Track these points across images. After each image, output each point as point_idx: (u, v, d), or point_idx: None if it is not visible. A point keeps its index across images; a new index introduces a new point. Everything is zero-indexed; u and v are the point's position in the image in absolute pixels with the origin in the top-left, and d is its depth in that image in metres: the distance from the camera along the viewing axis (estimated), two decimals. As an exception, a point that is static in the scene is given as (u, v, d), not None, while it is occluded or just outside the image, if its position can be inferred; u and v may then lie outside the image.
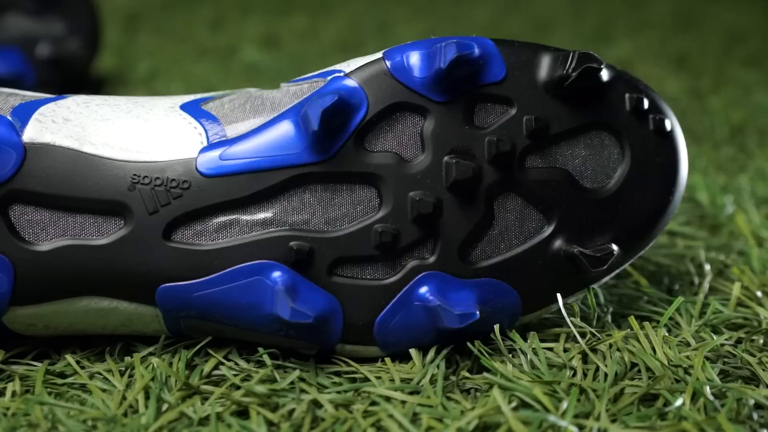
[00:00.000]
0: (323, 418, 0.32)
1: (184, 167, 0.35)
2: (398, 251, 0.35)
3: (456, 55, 0.35)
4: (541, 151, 0.37)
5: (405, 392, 0.34)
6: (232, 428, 0.31)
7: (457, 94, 0.36)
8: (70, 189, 0.34)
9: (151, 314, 0.35)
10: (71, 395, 0.34)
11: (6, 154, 0.34)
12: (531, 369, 0.35)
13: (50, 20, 0.63)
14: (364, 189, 0.35)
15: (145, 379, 0.34)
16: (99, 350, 0.37)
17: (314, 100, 0.34)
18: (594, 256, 0.36)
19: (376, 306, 0.35)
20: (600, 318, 0.38)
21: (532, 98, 0.36)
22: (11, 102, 0.36)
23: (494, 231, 0.36)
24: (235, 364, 0.36)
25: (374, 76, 0.36)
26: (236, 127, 0.36)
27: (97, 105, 0.37)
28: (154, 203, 0.35)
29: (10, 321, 0.35)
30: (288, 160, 0.35)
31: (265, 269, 0.35)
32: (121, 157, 0.35)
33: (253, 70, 0.76)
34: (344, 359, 0.36)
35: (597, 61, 0.36)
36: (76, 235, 0.35)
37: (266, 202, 0.35)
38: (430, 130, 0.36)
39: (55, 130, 0.35)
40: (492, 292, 0.36)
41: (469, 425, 0.31)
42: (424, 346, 0.36)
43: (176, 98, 0.38)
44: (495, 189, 0.36)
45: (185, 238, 0.35)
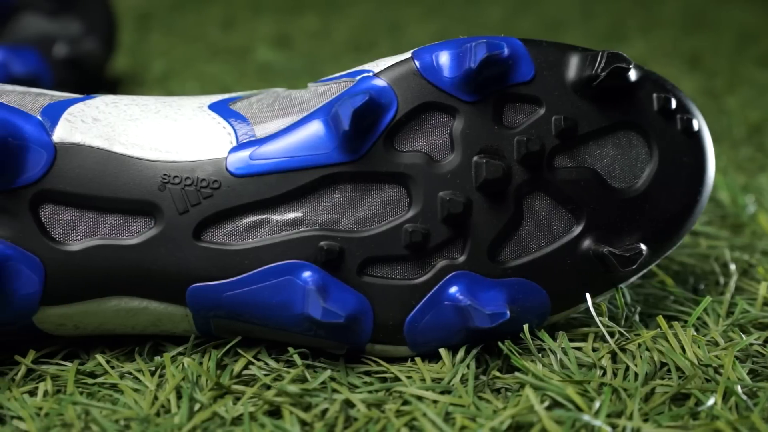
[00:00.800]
0: (356, 418, 0.32)
1: (214, 167, 0.35)
2: (428, 251, 0.35)
3: (486, 55, 0.35)
4: (570, 151, 0.37)
5: (436, 392, 0.34)
6: (266, 428, 0.31)
7: (486, 93, 0.36)
8: (100, 189, 0.34)
9: (180, 314, 0.35)
10: (102, 395, 0.34)
11: (37, 154, 0.34)
12: (561, 369, 0.35)
13: (67, 20, 0.63)
14: (394, 189, 0.35)
15: (176, 378, 0.34)
16: (128, 350, 0.37)
17: (345, 99, 0.34)
18: (623, 255, 0.36)
19: (406, 306, 0.35)
20: (628, 318, 0.38)
21: (561, 98, 0.36)
22: (40, 102, 0.36)
23: (523, 231, 0.36)
24: (265, 363, 0.36)
25: (403, 76, 0.36)
26: (265, 126, 0.36)
27: (126, 105, 0.37)
28: (185, 203, 0.35)
29: (40, 321, 0.35)
30: (318, 159, 0.35)
31: (296, 269, 0.35)
32: (151, 157, 0.35)
33: (267, 69, 0.76)
34: (374, 359, 0.36)
35: (626, 61, 0.36)
36: (106, 235, 0.35)
37: (296, 201, 0.35)
38: (460, 130, 0.36)
39: (85, 130, 0.35)
40: (521, 291, 0.36)
41: (502, 425, 0.31)
42: (452, 345, 0.36)
43: (204, 98, 0.38)
44: (524, 189, 0.36)
45: (215, 237, 0.35)
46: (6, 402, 0.33)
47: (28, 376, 0.35)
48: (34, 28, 0.62)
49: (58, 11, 0.63)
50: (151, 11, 0.99)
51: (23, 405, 0.33)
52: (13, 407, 0.33)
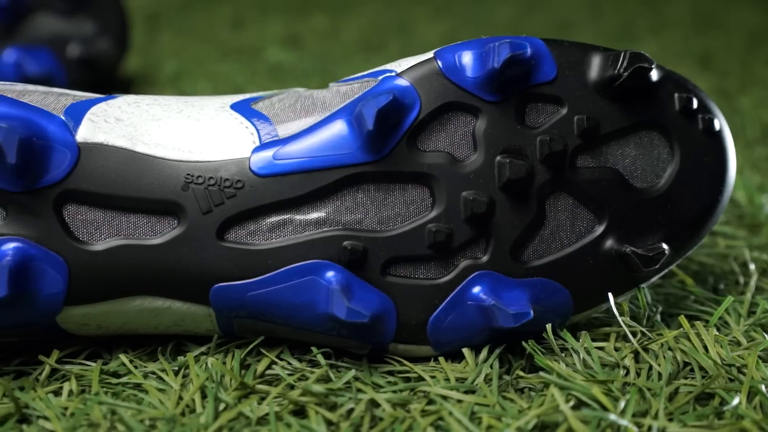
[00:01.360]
0: (381, 418, 0.32)
1: (237, 167, 0.35)
2: (451, 251, 0.35)
3: (509, 55, 0.35)
4: (592, 151, 0.37)
5: (460, 391, 0.34)
6: (292, 428, 0.31)
7: (508, 93, 0.36)
8: (123, 189, 0.34)
9: (203, 314, 0.35)
10: (127, 395, 0.34)
11: (60, 154, 0.34)
12: (584, 368, 0.35)
13: (80, 20, 0.63)
14: (417, 189, 0.35)
15: (200, 378, 0.34)
16: (150, 350, 0.37)
17: (369, 99, 0.34)
18: (646, 255, 0.36)
19: (429, 305, 0.35)
20: (649, 317, 0.38)
21: (583, 98, 0.36)
22: (63, 102, 0.36)
23: (546, 230, 0.36)
24: (288, 363, 0.36)
25: (426, 76, 0.36)
26: (288, 126, 0.36)
27: (148, 105, 0.37)
28: (208, 203, 0.35)
29: (64, 321, 0.35)
30: (341, 159, 0.35)
31: (319, 269, 0.35)
32: (174, 157, 0.35)
33: (279, 69, 0.76)
34: (396, 358, 0.36)
35: (648, 61, 0.36)
36: (129, 234, 0.35)
37: (319, 201, 0.35)
38: (482, 130, 0.36)
39: (108, 130, 0.35)
40: (544, 291, 0.36)
41: (528, 424, 0.31)
42: (475, 345, 0.36)
43: (225, 98, 0.38)
44: (547, 188, 0.36)
45: (239, 237, 0.35)
46: (31, 402, 0.33)
47: (52, 375, 0.35)
48: (48, 28, 0.62)
49: (72, 11, 0.63)
50: (159, 11, 0.99)
51: (48, 405, 0.33)
52: (39, 407, 0.33)
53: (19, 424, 0.32)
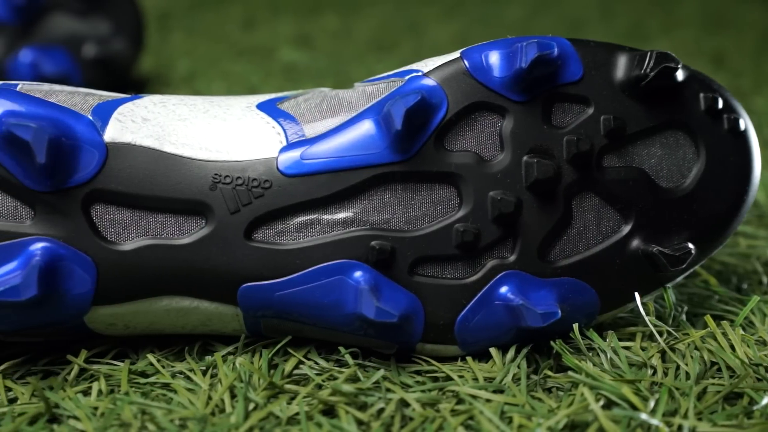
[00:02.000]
0: (411, 417, 0.32)
1: (264, 167, 0.35)
2: (478, 250, 0.35)
3: (537, 55, 0.35)
4: (618, 151, 0.37)
5: (489, 391, 0.34)
6: (323, 428, 0.31)
7: (535, 93, 0.36)
8: (151, 188, 0.34)
9: (231, 314, 0.35)
10: (156, 394, 0.34)
11: (89, 154, 0.34)
12: (611, 368, 0.35)
13: (96, 20, 0.63)
14: (444, 188, 0.35)
15: (229, 378, 0.34)
16: (177, 349, 0.37)
17: (397, 99, 0.34)
18: (673, 255, 0.36)
19: (456, 305, 0.35)
20: (675, 317, 0.38)
21: (609, 98, 0.36)
22: (90, 102, 0.36)
23: (573, 230, 0.36)
24: (315, 363, 0.36)
25: (453, 76, 0.36)
26: (314, 126, 0.36)
27: (174, 105, 0.37)
28: (236, 203, 0.35)
29: (91, 320, 0.35)
30: (369, 159, 0.35)
31: (347, 268, 0.35)
32: (201, 157, 0.35)
33: (292, 69, 0.76)
34: (423, 358, 0.36)
35: (674, 61, 0.36)
36: (157, 234, 0.35)
37: (347, 201, 0.35)
38: (509, 130, 0.36)
39: (135, 130, 0.35)
40: (571, 291, 0.36)
41: (558, 424, 0.31)
42: (501, 345, 0.36)
43: (251, 98, 0.38)
44: (573, 188, 0.36)
45: (266, 237, 0.35)
46: (60, 401, 0.33)
47: (80, 375, 0.35)
48: (64, 28, 0.62)
49: (87, 11, 0.63)
50: (169, 11, 0.99)
51: (78, 404, 0.33)
52: (69, 407, 0.33)
53: (49, 423, 0.32)
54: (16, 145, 0.33)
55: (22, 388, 0.34)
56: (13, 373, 0.36)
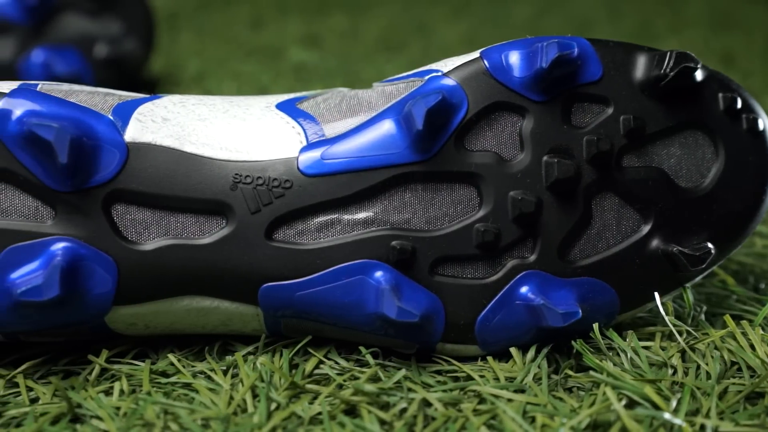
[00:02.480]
0: (433, 417, 0.32)
1: (285, 166, 0.35)
2: (499, 250, 0.35)
3: (557, 55, 0.35)
4: (638, 151, 0.37)
5: (510, 390, 0.34)
6: (346, 427, 0.31)
7: (555, 93, 0.36)
8: (172, 188, 0.34)
9: (251, 313, 0.35)
10: (177, 394, 0.34)
11: (110, 154, 0.34)
12: (632, 368, 0.35)
13: (107, 20, 0.64)
14: (464, 188, 0.35)
15: (251, 378, 0.34)
16: (197, 349, 0.37)
17: (418, 99, 0.34)
18: (693, 255, 0.36)
19: (477, 305, 0.35)
20: (693, 317, 0.38)
21: (629, 98, 0.36)
22: (110, 102, 0.36)
23: (592, 230, 0.36)
24: (335, 363, 0.36)
25: (473, 76, 0.36)
26: (334, 126, 0.36)
27: (194, 105, 0.37)
28: (257, 202, 0.35)
29: (112, 320, 0.35)
30: (390, 159, 0.35)
31: (368, 268, 0.35)
32: (221, 157, 0.35)
33: (302, 69, 0.76)
34: (444, 358, 0.36)
35: (694, 61, 0.36)
36: (178, 234, 0.35)
37: (367, 201, 0.35)
38: (529, 130, 0.36)
39: (155, 130, 0.35)
40: (591, 290, 0.36)
41: (581, 423, 0.31)
42: (521, 344, 0.36)
43: (270, 97, 0.38)
44: (593, 188, 0.36)
45: (287, 237, 0.35)
46: (83, 401, 0.33)
47: (101, 375, 0.35)
48: (75, 28, 0.63)
49: (99, 11, 0.63)
50: (176, 11, 0.99)
51: (100, 404, 0.33)
52: (91, 407, 0.33)
53: (71, 423, 0.32)
54: (37, 145, 0.33)
55: (43, 388, 0.34)
56: (33, 372, 0.36)
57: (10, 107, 0.34)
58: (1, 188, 0.34)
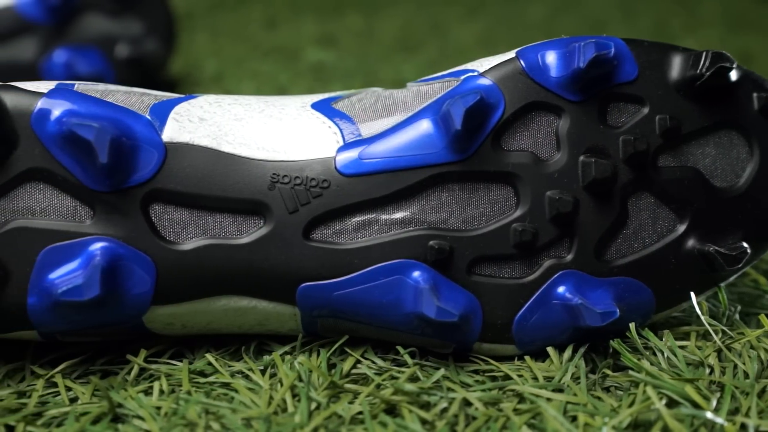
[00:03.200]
0: (474, 417, 0.32)
1: (322, 166, 0.35)
2: (536, 250, 0.36)
3: (595, 55, 0.35)
4: (673, 151, 0.37)
5: (549, 390, 0.34)
6: (388, 427, 0.31)
7: (591, 93, 0.36)
8: (210, 188, 0.34)
9: (289, 313, 0.35)
10: (216, 394, 0.34)
11: (148, 154, 0.34)
12: (669, 367, 0.35)
13: (128, 20, 0.64)
14: (501, 188, 0.35)
15: (290, 378, 0.34)
16: (233, 349, 0.37)
17: (456, 99, 0.34)
18: (730, 254, 0.36)
19: (514, 305, 0.35)
20: (728, 316, 0.38)
21: (664, 98, 0.36)
22: (146, 102, 0.36)
23: (629, 230, 0.36)
24: (372, 362, 0.36)
25: (509, 76, 0.36)
26: (370, 126, 0.36)
27: (229, 104, 0.37)
28: (294, 202, 0.35)
29: (150, 320, 0.35)
30: (427, 159, 0.35)
31: (405, 268, 0.35)
32: (259, 156, 0.35)
33: (320, 69, 0.76)
34: (481, 357, 0.36)
35: (729, 61, 0.36)
36: (216, 234, 0.35)
37: (405, 201, 0.35)
38: (566, 130, 0.36)
39: (192, 130, 0.35)
40: (627, 290, 0.36)
41: (622, 423, 0.31)
42: (557, 344, 0.36)
43: (305, 97, 0.38)
44: (629, 188, 0.36)
45: (325, 237, 0.35)
46: (123, 401, 0.33)
47: (139, 375, 0.36)
48: (97, 28, 0.63)
49: (120, 11, 0.63)
50: (190, 11, 0.99)
51: (141, 404, 0.33)
52: (132, 406, 0.33)
53: (112, 423, 0.32)
54: (77, 145, 0.33)
55: (82, 388, 0.34)
56: (71, 372, 0.36)
57: (49, 107, 0.34)
58: (40, 188, 0.34)
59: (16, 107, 0.34)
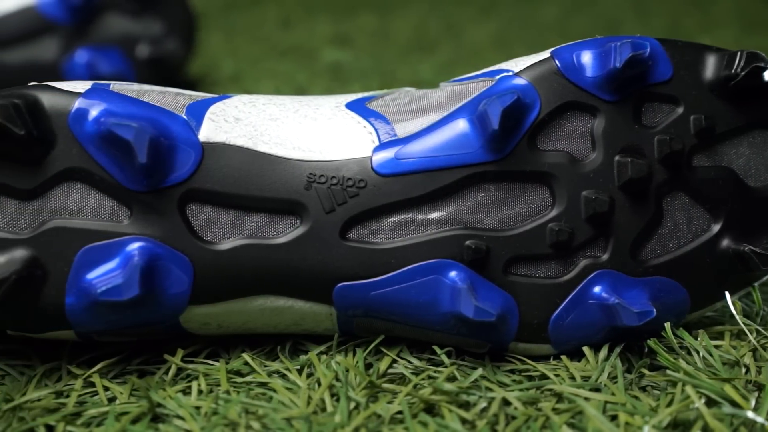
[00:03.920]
0: (514, 416, 0.32)
1: (359, 166, 0.35)
2: (572, 250, 0.36)
3: (631, 54, 0.35)
4: (707, 150, 0.37)
5: (586, 389, 0.34)
6: (429, 427, 0.32)
7: (626, 93, 0.36)
8: (247, 188, 0.35)
9: (325, 313, 0.35)
10: (254, 394, 0.34)
11: (185, 154, 0.34)
12: (704, 366, 0.35)
13: (149, 20, 0.64)
14: (537, 188, 0.36)
15: (328, 377, 0.34)
16: (268, 349, 0.37)
17: (493, 98, 0.34)
18: (764, 254, 0.36)
19: (550, 304, 0.35)
20: (762, 316, 0.38)
21: (698, 97, 0.36)
22: (181, 101, 0.36)
23: (663, 229, 0.36)
24: (408, 362, 0.36)
25: (545, 76, 0.36)
26: (405, 126, 0.36)
27: (264, 104, 0.37)
28: (331, 202, 0.35)
29: (186, 320, 0.35)
30: (463, 159, 0.35)
31: (442, 268, 0.35)
32: (295, 156, 0.35)
33: (338, 69, 0.76)
34: (516, 357, 0.36)
35: (764, 61, 0.36)
36: (252, 234, 0.35)
37: (441, 201, 0.35)
38: (601, 129, 0.36)
39: (228, 129, 0.35)
40: (662, 290, 0.36)
41: (662, 422, 0.31)
42: (592, 344, 0.36)
43: (338, 97, 0.38)
44: (664, 188, 0.36)
45: (361, 236, 0.35)
46: (162, 401, 0.33)
47: (176, 375, 0.36)
48: (118, 28, 0.63)
49: (140, 11, 0.63)
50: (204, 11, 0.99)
51: (180, 404, 0.33)
52: (171, 406, 0.33)
53: (152, 423, 0.32)
54: (116, 145, 0.33)
55: (119, 388, 0.34)
56: (107, 372, 0.36)
57: (87, 107, 0.34)
58: (77, 188, 0.34)
59: (53, 107, 0.34)
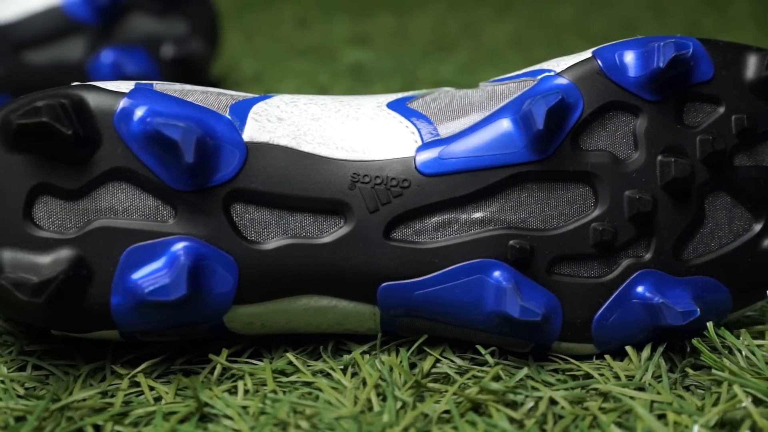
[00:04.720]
0: (561, 416, 0.32)
1: (402, 166, 0.35)
2: (615, 249, 0.36)
3: (674, 55, 0.35)
4: (748, 150, 0.37)
5: (631, 388, 0.34)
6: (478, 426, 0.32)
7: (667, 93, 0.36)
8: (291, 188, 0.35)
9: (368, 313, 0.36)
10: (300, 393, 0.34)
11: (230, 154, 0.34)
12: (748, 366, 0.35)
13: (173, 20, 0.64)
14: (580, 188, 0.36)
15: (373, 377, 0.34)
16: (311, 348, 0.37)
17: (538, 98, 0.34)
18: (807, 253, 0.36)
19: (594, 304, 0.36)
20: (802, 316, 0.39)
21: (739, 97, 0.37)
22: (224, 101, 0.36)
23: (705, 229, 0.36)
24: (452, 362, 0.36)
25: (587, 75, 0.36)
26: (448, 126, 0.36)
27: (305, 104, 0.37)
28: (375, 202, 0.35)
29: (230, 320, 0.35)
30: (507, 158, 0.35)
31: (486, 267, 0.35)
32: (339, 156, 0.35)
33: (359, 69, 0.76)
34: (559, 356, 0.36)
35: (805, 61, 0.36)
36: (297, 234, 0.35)
37: (484, 200, 0.35)
38: (643, 129, 0.36)
39: (272, 129, 0.35)
40: (704, 289, 0.36)
41: (710, 421, 0.32)
42: (634, 343, 0.36)
43: (380, 97, 0.39)
44: (706, 187, 0.36)
45: (405, 236, 0.35)
46: (209, 400, 0.33)
47: (221, 374, 0.36)
48: (142, 28, 0.63)
49: (165, 11, 0.63)
50: (221, 11, 0.99)
51: (228, 403, 0.33)
52: (219, 406, 0.33)
53: (201, 422, 0.32)
54: (162, 144, 0.33)
55: (165, 388, 0.34)
56: (151, 372, 0.36)
57: (132, 107, 0.34)
58: (122, 188, 0.34)
59: (98, 107, 0.34)
